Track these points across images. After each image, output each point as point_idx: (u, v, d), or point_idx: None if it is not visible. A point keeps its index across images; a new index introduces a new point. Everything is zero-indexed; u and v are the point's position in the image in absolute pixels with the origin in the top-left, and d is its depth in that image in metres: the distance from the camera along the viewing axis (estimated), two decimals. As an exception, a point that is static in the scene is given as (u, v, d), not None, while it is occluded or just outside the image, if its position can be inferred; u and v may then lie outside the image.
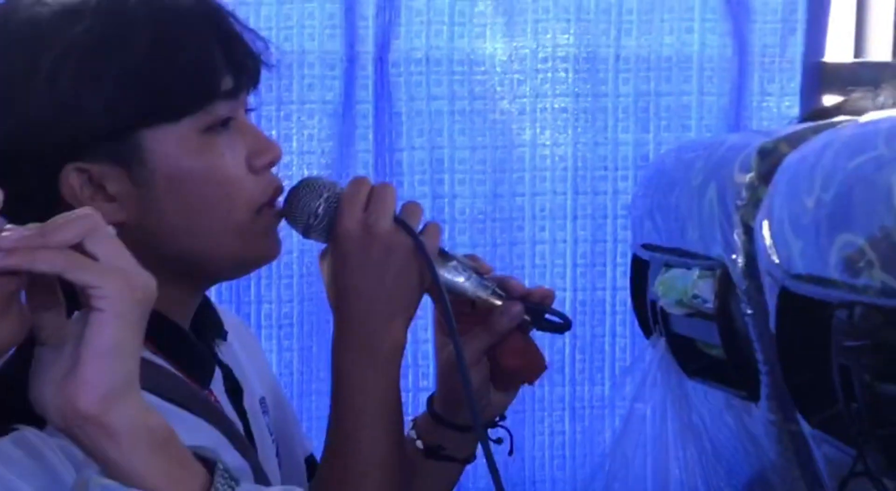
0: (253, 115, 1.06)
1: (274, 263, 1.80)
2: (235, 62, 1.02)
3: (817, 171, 0.95)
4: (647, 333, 1.56)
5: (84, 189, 0.99)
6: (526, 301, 1.12)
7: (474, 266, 1.11)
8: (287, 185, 1.09)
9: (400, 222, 1.07)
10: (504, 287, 1.12)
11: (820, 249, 0.92)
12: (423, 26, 1.83)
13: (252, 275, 1.81)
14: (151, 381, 0.95)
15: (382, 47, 1.83)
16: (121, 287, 0.72)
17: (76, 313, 0.74)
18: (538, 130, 1.88)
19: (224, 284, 1.80)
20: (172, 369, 1.00)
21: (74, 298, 0.74)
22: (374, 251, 1.06)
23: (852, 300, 0.86)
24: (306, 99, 1.82)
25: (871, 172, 0.84)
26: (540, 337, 1.18)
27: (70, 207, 0.98)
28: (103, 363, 0.72)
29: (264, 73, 1.06)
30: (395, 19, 1.82)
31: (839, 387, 0.89)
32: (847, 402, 0.88)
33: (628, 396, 1.55)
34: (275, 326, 1.84)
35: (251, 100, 1.06)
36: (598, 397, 1.92)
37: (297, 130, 1.82)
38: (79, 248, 0.72)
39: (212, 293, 1.78)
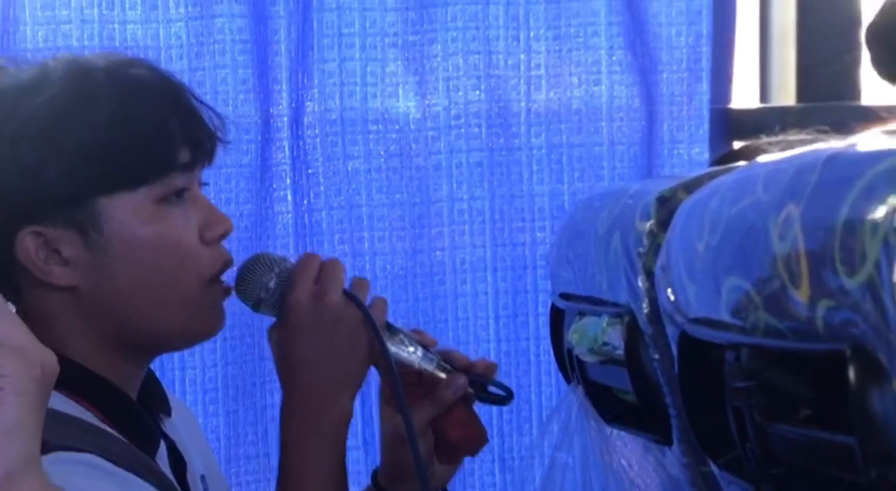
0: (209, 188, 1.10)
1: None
2: (192, 137, 1.06)
3: (706, 217, 0.97)
4: (569, 381, 1.58)
5: (39, 252, 1.02)
6: (470, 373, 1.15)
7: (420, 339, 1.14)
8: None
9: (349, 295, 1.09)
10: (448, 359, 1.15)
11: (712, 293, 0.95)
12: (336, 88, 1.85)
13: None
14: (104, 447, 0.95)
15: (297, 109, 1.85)
16: (19, 365, 0.72)
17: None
18: (455, 185, 1.91)
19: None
20: (121, 437, 1.01)
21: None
22: (323, 323, 1.09)
23: (739, 342, 0.88)
24: (222, 163, 1.83)
25: (752, 217, 0.87)
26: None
27: (25, 270, 1.00)
28: (2, 443, 0.71)
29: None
30: (308, 82, 1.85)
31: (734, 428, 0.91)
32: (742, 442, 0.90)
33: (550, 445, 1.56)
34: (199, 391, 1.83)
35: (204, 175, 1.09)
36: (526, 447, 1.94)
37: (214, 194, 1.82)
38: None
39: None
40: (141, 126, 1.03)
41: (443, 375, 1.14)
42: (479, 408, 1.92)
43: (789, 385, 0.84)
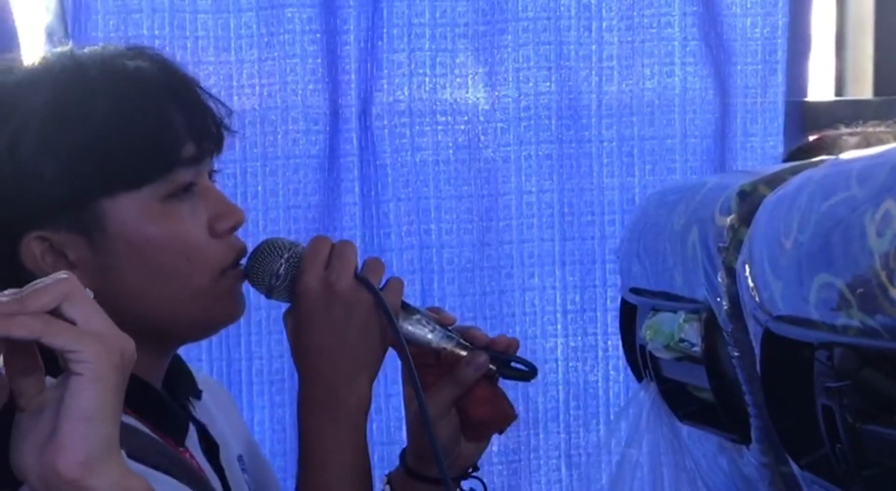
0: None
1: (263, 318, 1.82)
2: (197, 129, 1.03)
3: (793, 213, 0.95)
4: (639, 377, 1.56)
5: (45, 257, 1.00)
6: (491, 350, 1.13)
7: (437, 318, 1.12)
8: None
9: (361, 279, 1.07)
10: (468, 337, 1.13)
11: (799, 290, 0.92)
12: (405, 78, 1.85)
13: (242, 330, 1.81)
14: (127, 444, 0.95)
15: (366, 100, 1.85)
16: (99, 351, 0.72)
17: (56, 378, 0.74)
18: (523, 178, 1.89)
19: (214, 341, 1.80)
20: (146, 430, 1.00)
21: (53, 362, 0.74)
22: (335, 309, 1.07)
23: (832, 341, 0.86)
24: (291, 154, 1.83)
25: (845, 213, 0.84)
26: (534, 385, 1.18)
27: (32, 274, 0.99)
28: (83, 427, 0.72)
29: (249, 130, 1.08)
30: (377, 72, 1.84)
31: (823, 428, 0.89)
32: (832, 443, 0.88)
33: (621, 442, 1.54)
34: (266, 381, 1.83)
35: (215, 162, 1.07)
36: (593, 444, 1.92)
37: (283, 185, 1.83)
38: (56, 312, 0.73)
39: (202, 349, 1.79)
40: (139, 123, 1.00)
41: (463, 353, 1.12)
42: (541, 401, 1.91)
43: (884, 385, 0.81)
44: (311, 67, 1.81)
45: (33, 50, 1.69)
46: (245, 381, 1.82)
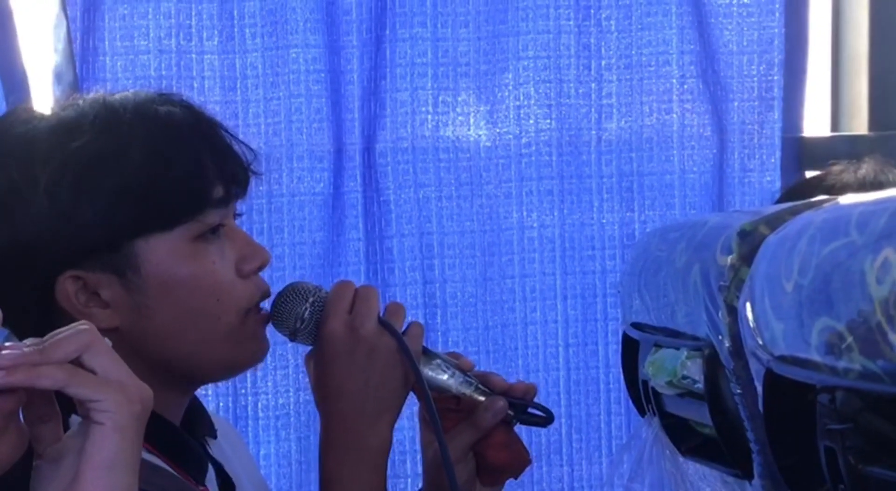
0: (243, 208, 1.09)
1: (269, 354, 1.84)
2: (226, 172, 1.06)
3: (794, 256, 0.97)
4: (642, 412, 1.57)
5: (79, 295, 1.03)
6: (509, 396, 1.15)
7: (457, 363, 1.14)
8: (276, 280, 1.12)
9: (384, 324, 1.09)
10: (487, 383, 1.15)
11: (800, 332, 0.94)
12: (407, 116, 1.87)
13: (248, 366, 1.83)
14: (152, 482, 0.96)
15: (369, 138, 1.87)
16: (120, 400, 0.74)
17: (74, 426, 0.76)
18: (525, 213, 1.92)
19: (220, 377, 1.81)
20: (169, 468, 1.02)
21: (68, 405, 0.75)
22: (358, 353, 1.09)
23: (833, 384, 0.88)
24: (296, 191, 1.85)
25: (845, 259, 0.86)
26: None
27: (65, 312, 1.01)
28: (104, 477, 0.73)
29: (255, 167, 1.10)
30: (380, 111, 1.87)
31: (826, 468, 0.90)
32: (834, 483, 0.89)
33: (624, 476, 1.55)
34: (272, 416, 1.85)
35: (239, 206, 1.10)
36: (596, 476, 1.93)
37: (287, 222, 1.85)
38: (77, 361, 0.74)
39: (208, 385, 1.81)
40: (173, 167, 1.04)
41: (481, 399, 1.14)
42: (544, 434, 1.92)
43: (887, 429, 0.83)
44: (315, 106, 1.83)
45: (42, 92, 1.71)
46: (251, 415, 1.84)
